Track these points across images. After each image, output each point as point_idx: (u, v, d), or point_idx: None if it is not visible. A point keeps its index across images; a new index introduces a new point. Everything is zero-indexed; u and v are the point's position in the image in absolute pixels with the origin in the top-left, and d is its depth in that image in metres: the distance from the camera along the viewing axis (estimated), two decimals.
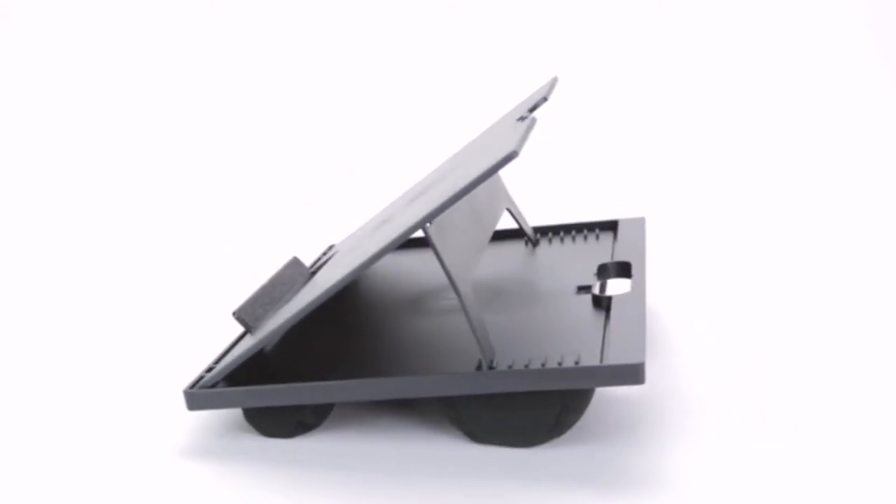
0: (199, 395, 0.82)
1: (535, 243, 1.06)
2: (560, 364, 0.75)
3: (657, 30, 2.06)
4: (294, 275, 0.95)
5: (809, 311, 1.03)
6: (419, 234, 1.18)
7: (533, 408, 0.78)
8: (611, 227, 1.07)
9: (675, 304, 1.07)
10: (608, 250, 1.00)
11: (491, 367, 0.77)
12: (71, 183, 1.67)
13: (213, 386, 0.82)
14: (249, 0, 1.91)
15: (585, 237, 1.05)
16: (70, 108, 1.75)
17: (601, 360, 0.75)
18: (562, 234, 1.07)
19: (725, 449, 0.79)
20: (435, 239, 0.76)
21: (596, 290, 0.92)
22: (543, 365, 0.76)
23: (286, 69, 1.93)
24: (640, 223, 1.04)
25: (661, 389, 0.88)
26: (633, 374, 0.72)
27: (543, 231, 1.09)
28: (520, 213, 1.04)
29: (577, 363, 0.75)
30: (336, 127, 1.86)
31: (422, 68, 1.98)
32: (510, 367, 0.76)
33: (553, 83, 1.02)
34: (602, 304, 0.87)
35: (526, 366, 0.77)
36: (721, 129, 1.74)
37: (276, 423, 0.85)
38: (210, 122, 1.86)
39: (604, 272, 0.95)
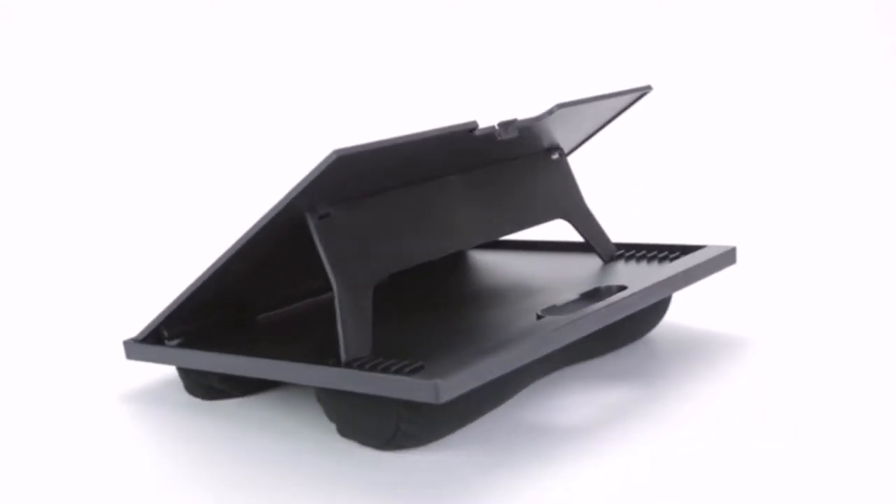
0: (131, 346, 0.94)
1: (608, 259, 1.06)
2: (383, 370, 0.78)
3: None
4: None
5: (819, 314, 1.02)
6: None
7: (372, 412, 0.80)
8: (693, 251, 1.05)
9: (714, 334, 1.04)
10: (658, 273, 0.99)
11: (337, 363, 0.81)
12: (75, 180, 1.76)
13: (144, 340, 0.93)
14: (250, 1, 1.93)
15: (660, 260, 1.04)
16: (69, 107, 1.81)
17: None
18: (644, 253, 1.06)
19: (725, 449, 0.78)
20: (315, 227, 0.82)
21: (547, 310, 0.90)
22: (372, 369, 0.79)
23: (286, 70, 1.93)
24: (722, 251, 1.01)
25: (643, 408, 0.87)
26: (426, 389, 0.73)
27: (630, 248, 1.10)
28: (589, 228, 1.05)
29: (397, 371, 0.77)
30: (336, 127, 1.87)
31: (422, 69, 1.93)
32: (357, 365, 0.80)
33: (646, 90, 1.02)
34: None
35: (360, 367, 0.80)
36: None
37: (192, 383, 0.95)
38: (210, 122, 1.90)
39: (595, 294, 0.95)
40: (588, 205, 1.09)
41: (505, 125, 0.91)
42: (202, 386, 0.93)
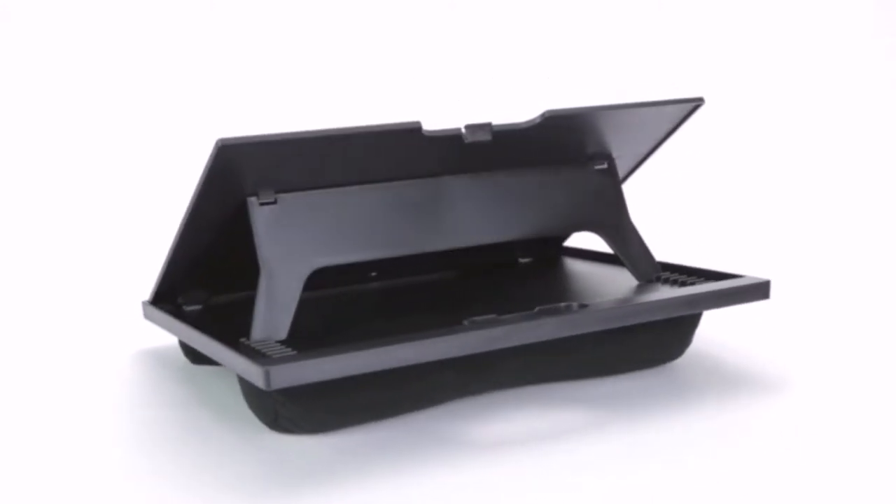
0: (146, 308, 1.04)
1: (644, 280, 1.00)
2: (249, 352, 0.81)
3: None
4: None
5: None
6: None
7: (259, 393, 0.83)
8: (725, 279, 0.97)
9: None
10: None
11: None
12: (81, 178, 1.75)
13: (153, 303, 1.03)
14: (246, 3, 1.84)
15: (690, 284, 0.98)
16: (66, 106, 1.78)
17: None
18: (682, 277, 1.00)
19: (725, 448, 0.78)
20: (253, 212, 0.86)
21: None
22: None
23: (280, 70, 1.84)
24: (748, 283, 0.94)
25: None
26: (257, 374, 0.74)
27: (675, 270, 1.04)
28: (624, 245, 0.99)
29: (264, 356, 0.80)
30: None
31: (420, 69, 1.79)
32: (243, 345, 0.84)
33: (698, 102, 0.97)
34: None
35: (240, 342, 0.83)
36: None
37: (184, 348, 1.03)
38: (207, 121, 1.82)
39: (550, 311, 0.91)
40: (632, 221, 1.02)
41: (474, 128, 0.90)
42: (191, 351, 1.02)
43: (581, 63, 1.86)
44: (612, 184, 1.01)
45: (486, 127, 0.89)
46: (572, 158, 1.00)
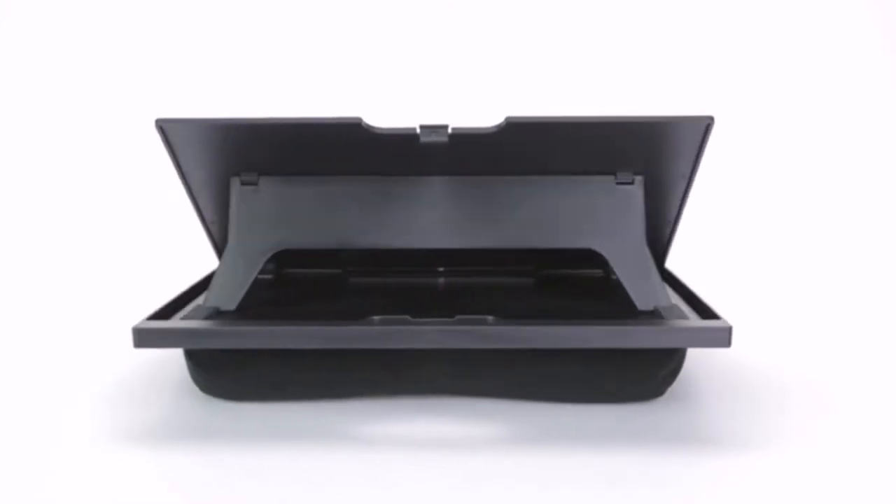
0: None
1: (641, 307, 0.93)
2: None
3: None
4: None
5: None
6: None
7: (186, 355, 0.90)
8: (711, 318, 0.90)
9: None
10: None
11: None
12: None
13: None
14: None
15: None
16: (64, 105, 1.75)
17: None
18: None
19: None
20: (233, 190, 0.94)
21: None
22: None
23: (276, 70, 1.72)
24: (710, 326, 0.85)
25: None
26: (136, 336, 0.83)
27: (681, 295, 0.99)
28: (628, 269, 0.94)
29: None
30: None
31: (419, 69, 1.71)
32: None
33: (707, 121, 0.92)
34: None
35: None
36: None
37: None
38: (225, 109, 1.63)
39: (468, 322, 0.88)
40: (644, 246, 0.94)
41: (429, 129, 0.90)
42: None
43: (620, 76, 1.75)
44: (630, 203, 0.95)
45: (443, 129, 0.89)
46: (586, 171, 0.95)
